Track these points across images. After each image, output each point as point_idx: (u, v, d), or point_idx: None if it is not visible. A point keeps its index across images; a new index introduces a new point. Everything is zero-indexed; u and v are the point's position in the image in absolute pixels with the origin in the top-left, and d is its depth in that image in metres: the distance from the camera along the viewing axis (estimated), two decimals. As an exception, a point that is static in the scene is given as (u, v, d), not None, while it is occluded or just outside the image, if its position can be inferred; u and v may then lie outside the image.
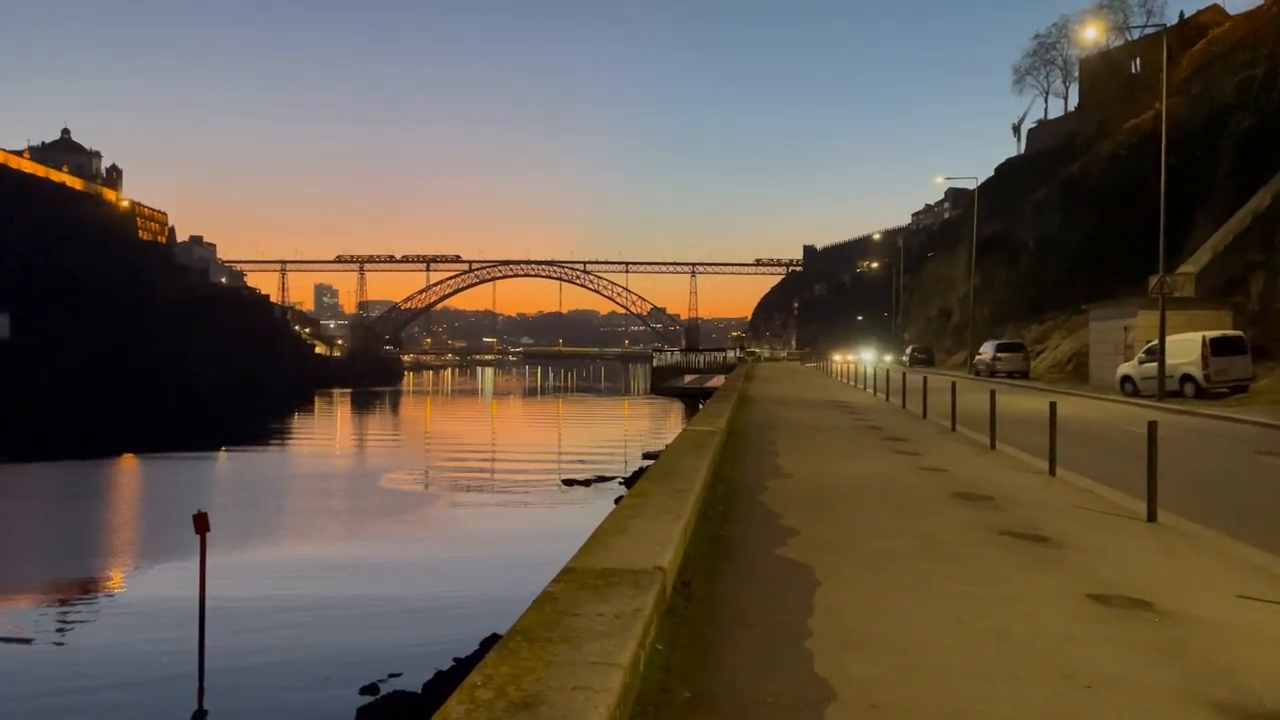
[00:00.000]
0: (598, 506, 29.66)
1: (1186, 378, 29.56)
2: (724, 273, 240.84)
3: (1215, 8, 69.33)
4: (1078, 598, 6.35)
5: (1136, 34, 66.49)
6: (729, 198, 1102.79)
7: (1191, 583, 7.01)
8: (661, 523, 6.65)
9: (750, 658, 4.96)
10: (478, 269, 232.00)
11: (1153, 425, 9.84)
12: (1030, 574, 7.02)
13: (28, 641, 18.52)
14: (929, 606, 6.05)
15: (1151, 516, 9.39)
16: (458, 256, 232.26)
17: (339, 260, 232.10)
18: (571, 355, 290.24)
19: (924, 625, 5.62)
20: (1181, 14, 71.69)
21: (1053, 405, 13.27)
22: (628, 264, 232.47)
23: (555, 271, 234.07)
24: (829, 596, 6.24)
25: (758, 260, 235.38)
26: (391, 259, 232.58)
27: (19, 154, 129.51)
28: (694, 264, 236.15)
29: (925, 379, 24.84)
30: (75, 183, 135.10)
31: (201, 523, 18.11)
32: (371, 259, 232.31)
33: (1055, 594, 6.45)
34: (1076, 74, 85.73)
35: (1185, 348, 29.65)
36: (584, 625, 4.07)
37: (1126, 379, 32.63)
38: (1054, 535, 8.50)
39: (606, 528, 6.42)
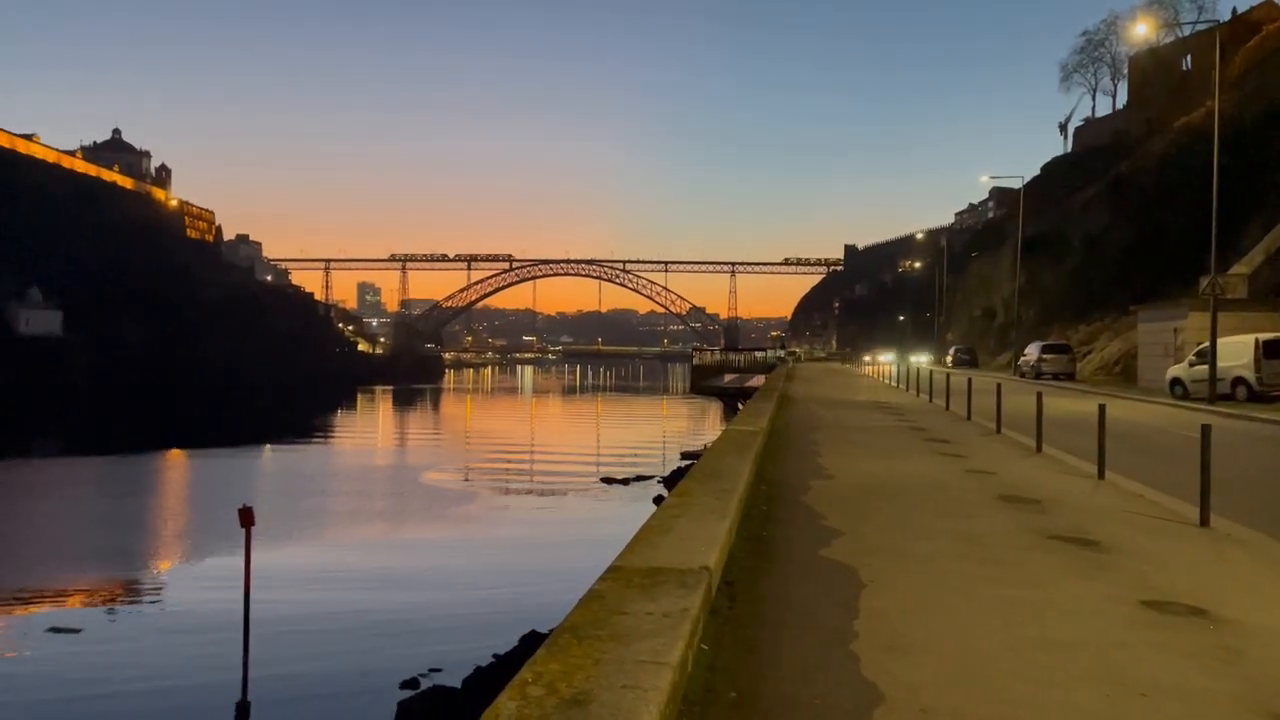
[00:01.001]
0: (637, 506, 29.69)
1: (1238, 381, 28.97)
2: (763, 272, 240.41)
3: (1269, 4, 67.83)
4: (1129, 604, 6.23)
5: (1188, 30, 65.22)
6: (769, 197, 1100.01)
7: (1247, 590, 6.87)
8: (706, 522, 6.64)
9: (796, 659, 4.93)
10: (518, 268, 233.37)
11: (1206, 428, 9.66)
12: (1080, 579, 6.91)
13: (75, 632, 18.89)
14: (976, 610, 5.98)
15: (1204, 522, 9.21)
16: (509, 256, 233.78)
17: (392, 259, 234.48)
18: (611, 354, 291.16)
19: (972, 629, 5.55)
20: (1234, 10, 70.33)
21: (1101, 408, 13.06)
22: (667, 263, 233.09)
23: (595, 270, 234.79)
24: (874, 598, 6.19)
25: (786, 259, 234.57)
26: (445, 258, 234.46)
27: (72, 154, 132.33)
28: (733, 263, 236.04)
29: (969, 380, 24.57)
30: (126, 182, 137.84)
31: (247, 517, 18.34)
32: (427, 257, 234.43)
33: (1106, 599, 6.33)
34: (1125, 71, 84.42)
35: (1237, 350, 29.06)
36: (632, 624, 4.07)
37: (1176, 381, 32.02)
38: (1104, 540, 8.36)
39: (652, 526, 6.41)
